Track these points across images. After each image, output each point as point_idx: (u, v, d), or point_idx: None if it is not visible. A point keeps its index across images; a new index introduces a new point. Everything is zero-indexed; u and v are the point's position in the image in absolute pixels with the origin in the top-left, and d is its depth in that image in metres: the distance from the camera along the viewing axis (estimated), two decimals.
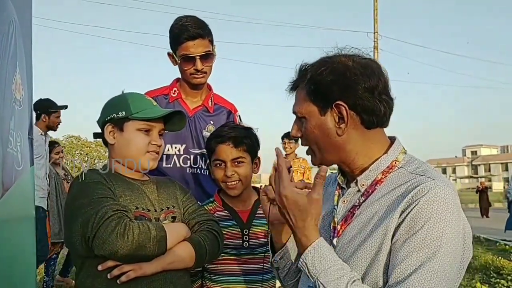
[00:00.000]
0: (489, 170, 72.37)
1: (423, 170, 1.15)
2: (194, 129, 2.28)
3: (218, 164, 1.91)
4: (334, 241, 1.19)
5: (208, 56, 2.19)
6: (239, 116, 2.48)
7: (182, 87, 2.31)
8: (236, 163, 1.90)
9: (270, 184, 1.24)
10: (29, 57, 2.34)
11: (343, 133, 1.16)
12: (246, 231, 1.88)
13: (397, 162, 1.19)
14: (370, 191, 1.17)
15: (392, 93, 1.18)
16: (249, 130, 2.03)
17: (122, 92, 1.72)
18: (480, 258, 7.33)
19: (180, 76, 2.32)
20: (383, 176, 1.17)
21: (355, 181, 1.21)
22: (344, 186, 1.27)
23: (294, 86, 1.25)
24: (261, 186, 1.84)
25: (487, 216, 18.93)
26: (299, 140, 1.31)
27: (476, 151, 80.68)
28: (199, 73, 2.19)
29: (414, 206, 1.05)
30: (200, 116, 2.32)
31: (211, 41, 2.22)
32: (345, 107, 1.14)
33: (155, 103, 1.70)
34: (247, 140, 1.94)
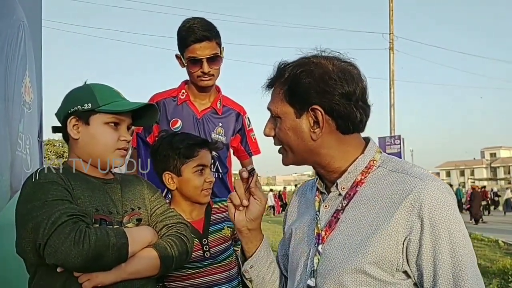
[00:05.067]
0: (509, 173, 70.91)
1: (403, 168, 1.14)
2: (203, 131, 2.27)
3: (201, 171, 1.81)
4: (320, 247, 1.17)
5: (215, 59, 2.18)
6: (248, 118, 2.47)
7: (190, 89, 2.31)
8: (211, 168, 1.86)
9: (235, 189, 1.24)
10: (38, 60, 2.37)
11: (317, 138, 1.15)
12: (205, 241, 1.82)
13: (374, 162, 1.18)
14: (352, 193, 1.16)
15: (369, 100, 1.17)
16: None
17: (85, 83, 1.55)
18: (498, 262, 7.17)
19: (188, 78, 2.31)
20: (362, 177, 1.16)
21: (335, 184, 1.19)
22: (324, 191, 1.25)
23: (271, 84, 1.22)
24: None
25: (482, 221, 17.96)
26: None
27: (495, 153, 79.10)
28: (206, 76, 2.19)
29: (420, 215, 1.05)
30: (208, 118, 2.31)
31: (219, 44, 2.21)
32: (321, 112, 1.12)
33: (123, 95, 1.55)
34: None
